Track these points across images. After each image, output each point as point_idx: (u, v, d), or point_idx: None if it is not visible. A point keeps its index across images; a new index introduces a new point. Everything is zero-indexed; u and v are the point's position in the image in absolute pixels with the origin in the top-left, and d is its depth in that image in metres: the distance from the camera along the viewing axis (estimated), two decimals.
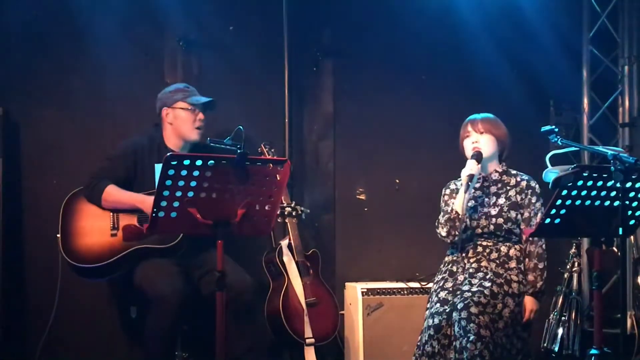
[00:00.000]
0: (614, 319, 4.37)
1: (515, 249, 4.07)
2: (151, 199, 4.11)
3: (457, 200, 4.07)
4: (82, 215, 4.31)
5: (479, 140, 4.12)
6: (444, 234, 4.13)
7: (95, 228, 4.27)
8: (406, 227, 5.47)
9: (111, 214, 4.30)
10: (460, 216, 4.06)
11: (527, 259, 4.04)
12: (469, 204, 4.12)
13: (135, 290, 4.22)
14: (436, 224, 4.18)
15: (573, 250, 5.45)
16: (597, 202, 3.41)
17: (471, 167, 4.03)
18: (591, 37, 5.65)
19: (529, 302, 3.98)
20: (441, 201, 4.26)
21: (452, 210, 4.10)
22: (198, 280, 4.33)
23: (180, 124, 4.43)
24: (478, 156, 4.07)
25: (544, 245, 4.05)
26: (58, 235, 4.26)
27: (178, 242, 4.23)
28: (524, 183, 4.13)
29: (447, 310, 3.87)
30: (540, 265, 4.02)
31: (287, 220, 4.85)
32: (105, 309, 4.84)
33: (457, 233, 4.08)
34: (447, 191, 4.26)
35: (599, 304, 3.53)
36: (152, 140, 4.48)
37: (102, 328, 4.88)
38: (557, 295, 5.38)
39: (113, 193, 4.28)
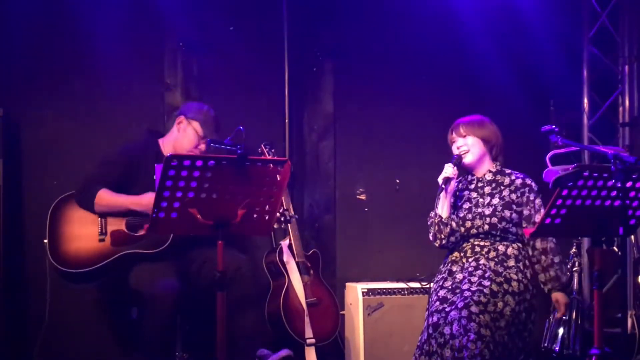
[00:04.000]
0: (614, 319, 4.37)
1: (513, 247, 4.07)
2: (146, 196, 4.15)
3: (439, 205, 4.11)
4: (70, 221, 4.29)
5: (464, 144, 4.16)
6: (430, 237, 4.19)
7: (83, 233, 4.26)
8: (406, 227, 5.47)
9: (99, 219, 4.27)
10: (443, 219, 4.10)
11: (542, 256, 4.06)
12: (464, 206, 4.13)
13: (132, 292, 4.22)
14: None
15: (574, 250, 5.44)
16: (598, 202, 3.41)
17: (447, 171, 4.07)
18: (591, 36, 5.65)
19: (561, 297, 4.05)
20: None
21: (435, 214, 4.13)
22: (195, 274, 4.33)
23: (184, 139, 4.39)
24: (456, 160, 4.11)
25: (554, 239, 4.08)
26: (45, 241, 4.25)
27: (167, 246, 4.22)
28: (518, 181, 4.13)
29: (446, 309, 3.87)
30: (557, 260, 4.06)
31: (276, 226, 4.75)
32: (104, 310, 4.84)
33: (443, 237, 4.12)
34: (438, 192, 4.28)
35: (599, 303, 3.53)
36: (148, 147, 4.46)
37: (100, 329, 4.87)
38: None
39: (105, 197, 4.24)
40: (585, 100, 5.66)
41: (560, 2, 5.71)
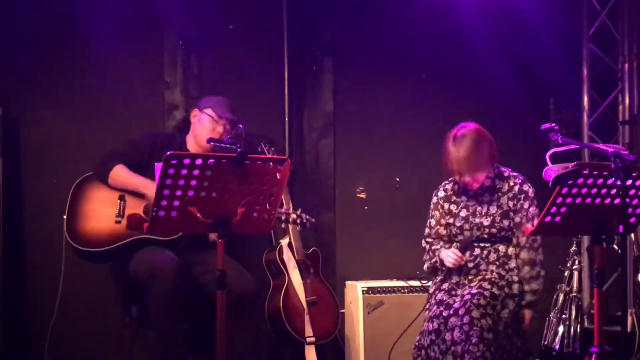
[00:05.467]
0: (614, 317, 4.37)
1: (513, 247, 4.04)
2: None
3: (443, 257, 4.03)
4: (90, 199, 4.33)
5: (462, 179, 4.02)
6: (424, 268, 4.19)
7: (101, 213, 4.30)
8: (406, 226, 5.46)
9: (118, 201, 4.31)
10: (443, 268, 4.08)
11: (527, 267, 3.96)
12: (461, 214, 4.08)
13: (131, 278, 4.23)
14: (425, 234, 4.21)
15: (573, 248, 5.44)
16: (598, 200, 3.41)
17: (453, 260, 3.97)
18: (591, 35, 5.64)
19: (529, 314, 3.95)
20: (430, 208, 4.24)
21: (436, 260, 4.09)
22: (199, 277, 4.33)
23: (200, 128, 4.46)
24: (464, 247, 4.00)
25: (540, 250, 3.99)
26: (64, 217, 4.27)
27: (180, 235, 4.25)
28: (516, 188, 4.02)
29: (443, 314, 3.84)
30: (542, 273, 3.97)
31: (290, 227, 4.79)
32: (107, 309, 4.84)
33: (437, 274, 4.12)
34: (435, 199, 4.21)
35: (599, 301, 3.52)
36: (174, 139, 4.53)
37: (103, 328, 4.88)
38: (558, 294, 5.37)
39: (121, 173, 4.31)
40: (585, 99, 5.65)
41: (560, 0, 5.70)
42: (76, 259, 4.32)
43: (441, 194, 4.19)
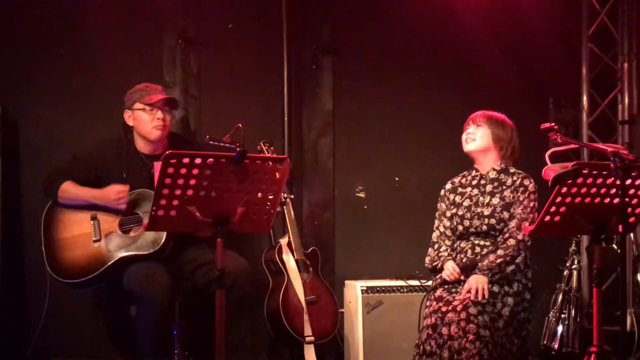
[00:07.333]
0: (613, 317, 4.37)
1: (502, 234, 4.04)
2: (108, 189, 4.19)
3: (445, 267, 4.06)
4: (64, 226, 4.28)
5: (474, 132, 4.11)
6: (426, 261, 4.21)
7: (77, 238, 4.24)
8: (406, 225, 5.47)
9: (92, 222, 4.25)
10: (440, 275, 4.10)
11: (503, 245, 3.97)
12: (464, 203, 4.12)
13: (127, 292, 4.20)
14: (434, 226, 4.21)
15: (573, 247, 5.45)
16: (597, 200, 3.41)
17: (449, 274, 4.01)
18: (590, 34, 5.64)
19: (481, 282, 3.87)
20: (438, 202, 4.27)
21: (437, 264, 4.12)
22: (191, 274, 4.32)
23: (139, 124, 4.36)
24: (466, 267, 4.01)
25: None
26: (42, 248, 4.24)
27: (162, 246, 4.19)
28: (518, 182, 4.08)
29: (442, 309, 3.85)
30: (505, 250, 3.95)
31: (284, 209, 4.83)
32: (101, 309, 4.84)
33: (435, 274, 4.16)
34: (442, 192, 4.26)
35: (598, 301, 3.52)
36: (121, 144, 4.42)
37: (99, 328, 4.87)
38: (557, 293, 5.37)
39: (69, 189, 4.27)
40: (585, 98, 5.65)
41: (559, 0, 5.71)
42: (64, 287, 4.31)
43: (448, 186, 4.27)
